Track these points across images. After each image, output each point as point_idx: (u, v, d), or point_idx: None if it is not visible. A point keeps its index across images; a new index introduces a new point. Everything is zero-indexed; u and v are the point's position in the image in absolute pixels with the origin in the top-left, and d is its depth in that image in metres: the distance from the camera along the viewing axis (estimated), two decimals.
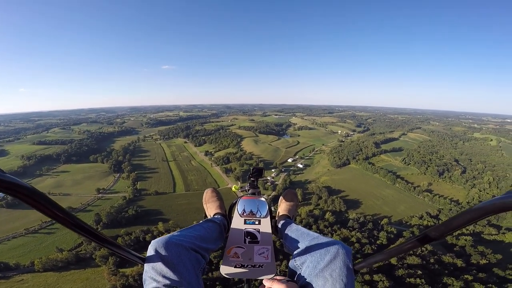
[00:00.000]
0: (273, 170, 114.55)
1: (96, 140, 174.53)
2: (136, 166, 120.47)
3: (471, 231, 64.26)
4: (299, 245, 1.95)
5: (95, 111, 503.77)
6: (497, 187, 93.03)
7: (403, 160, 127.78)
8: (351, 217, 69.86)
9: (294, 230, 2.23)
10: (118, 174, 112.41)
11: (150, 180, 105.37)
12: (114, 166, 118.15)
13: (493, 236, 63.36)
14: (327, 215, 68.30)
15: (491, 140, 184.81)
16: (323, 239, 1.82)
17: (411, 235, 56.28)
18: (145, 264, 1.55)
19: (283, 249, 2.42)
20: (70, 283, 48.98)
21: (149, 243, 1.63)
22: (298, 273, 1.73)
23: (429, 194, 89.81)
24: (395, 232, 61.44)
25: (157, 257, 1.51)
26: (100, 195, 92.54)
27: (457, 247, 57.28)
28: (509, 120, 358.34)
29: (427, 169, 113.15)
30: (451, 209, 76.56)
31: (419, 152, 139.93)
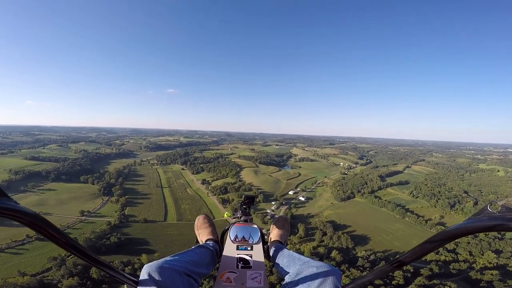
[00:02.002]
0: (273, 202, 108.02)
1: (91, 160, 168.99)
2: (128, 190, 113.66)
3: (495, 264, 58.12)
4: (290, 269, 2.00)
5: (97, 130, 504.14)
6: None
7: (410, 193, 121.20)
8: (359, 255, 62.38)
9: (286, 255, 2.27)
10: (107, 197, 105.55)
11: (140, 206, 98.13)
12: (105, 188, 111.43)
13: None
14: (334, 253, 60.64)
15: (498, 170, 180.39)
16: (313, 263, 1.87)
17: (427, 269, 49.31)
18: (138, 287, 1.55)
19: (276, 274, 2.40)
20: None
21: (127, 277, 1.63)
22: None
23: (443, 227, 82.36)
24: (412, 270, 53.83)
25: (150, 281, 1.50)
26: (83, 217, 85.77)
27: (483, 282, 50.93)
28: (511, 150, 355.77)
29: (437, 201, 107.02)
30: (469, 242, 69.08)
31: (426, 185, 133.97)
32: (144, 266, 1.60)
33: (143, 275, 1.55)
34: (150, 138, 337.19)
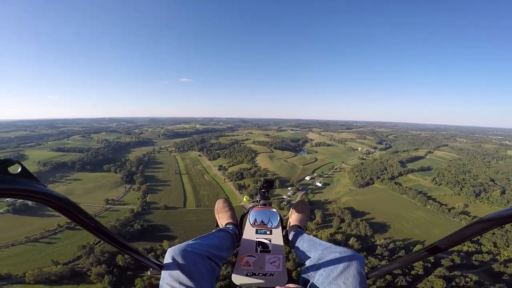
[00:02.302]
0: (289, 188, 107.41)
1: (112, 149, 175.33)
2: (148, 178, 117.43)
3: None
4: (311, 254, 1.99)
5: (116, 121, 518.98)
6: None
7: (433, 180, 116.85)
8: (378, 243, 61.47)
9: (306, 240, 2.29)
10: (130, 185, 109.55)
11: (160, 193, 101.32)
12: (126, 176, 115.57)
13: None
14: (351, 241, 60.23)
15: None
16: (336, 248, 1.86)
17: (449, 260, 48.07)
18: (162, 271, 1.60)
19: (293, 260, 2.41)
20: None
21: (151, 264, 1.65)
22: (310, 281, 1.77)
23: (467, 216, 79.68)
24: (432, 260, 52.46)
25: (174, 265, 1.56)
26: (108, 206, 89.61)
27: (505, 275, 49.18)
28: None
29: (461, 189, 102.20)
30: (494, 233, 66.14)
31: (450, 171, 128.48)
32: (168, 250, 1.67)
33: (167, 259, 1.61)
34: (168, 126, 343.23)
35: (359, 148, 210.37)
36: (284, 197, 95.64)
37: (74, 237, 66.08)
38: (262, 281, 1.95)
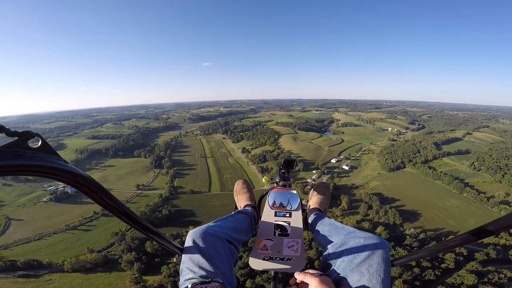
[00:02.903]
0: (314, 171, 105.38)
1: (142, 135, 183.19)
2: (176, 162, 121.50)
3: None
4: (333, 239, 1.91)
5: (145, 107, 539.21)
6: None
7: (471, 165, 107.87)
8: (408, 233, 58.59)
9: (327, 224, 2.20)
10: (158, 170, 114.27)
11: (187, 177, 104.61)
12: (155, 161, 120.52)
13: None
14: (379, 229, 57.95)
15: None
16: (360, 233, 1.77)
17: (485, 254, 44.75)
18: (183, 255, 1.62)
19: (312, 243, 2.39)
20: (93, 287, 47.93)
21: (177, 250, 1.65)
22: (332, 267, 1.69)
23: (507, 207, 72.69)
24: (465, 253, 49.21)
25: (195, 248, 1.59)
26: (139, 191, 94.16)
27: None
28: None
29: (503, 176, 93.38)
30: None
31: (491, 155, 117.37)
32: (189, 233, 1.69)
33: (188, 242, 1.64)
34: (193, 111, 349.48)
35: (389, 129, 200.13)
36: (309, 180, 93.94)
37: (108, 224, 69.11)
38: (280, 265, 1.88)
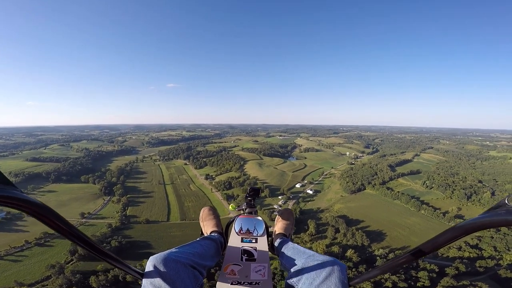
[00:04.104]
0: (280, 197, 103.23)
1: (92, 159, 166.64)
2: (130, 189, 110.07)
3: None
4: (295, 262, 2.00)
5: (100, 128, 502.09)
6: None
7: (423, 184, 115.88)
8: (377, 253, 57.74)
9: (290, 248, 2.28)
10: (109, 197, 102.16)
11: (142, 205, 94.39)
12: (106, 188, 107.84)
13: None
14: (349, 252, 56.08)
15: (510, 158, 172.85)
16: (318, 256, 1.87)
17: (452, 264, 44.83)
18: (143, 280, 1.55)
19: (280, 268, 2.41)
20: None
21: (132, 285, 1.65)
22: None
23: (462, 220, 76.93)
24: (436, 270, 49.34)
25: (155, 273, 1.51)
26: (84, 220, 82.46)
27: None
28: None
29: (452, 192, 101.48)
30: (492, 237, 64.21)
31: (439, 174, 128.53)
32: (150, 258, 1.61)
33: (149, 267, 1.56)
34: (153, 134, 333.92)
35: (347, 153, 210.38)
36: (275, 206, 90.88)
37: (43, 255, 61.07)
38: None
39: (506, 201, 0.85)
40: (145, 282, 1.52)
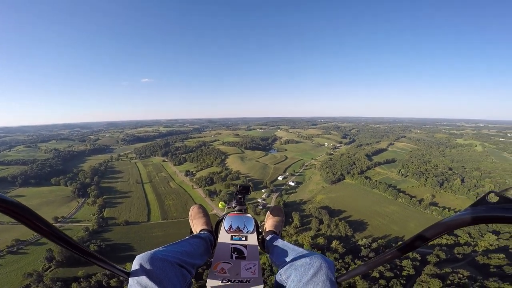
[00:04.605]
0: (263, 190, 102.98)
1: (63, 159, 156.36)
2: (105, 190, 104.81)
3: (497, 246, 57.38)
4: (284, 259, 2.03)
5: (70, 127, 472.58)
6: None
7: (399, 172, 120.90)
8: (361, 243, 59.49)
9: (280, 246, 2.30)
10: (83, 199, 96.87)
11: (120, 206, 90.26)
12: (79, 190, 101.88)
13: None
14: (334, 243, 57.08)
15: (476, 145, 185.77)
16: (307, 253, 1.90)
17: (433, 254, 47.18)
18: (129, 278, 1.54)
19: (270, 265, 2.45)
20: None
21: None
22: (284, 287, 1.83)
23: (437, 208, 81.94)
24: (419, 258, 51.61)
25: (142, 271, 1.50)
26: (58, 224, 76.99)
27: (492, 267, 49.30)
28: (481, 125, 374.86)
29: (426, 180, 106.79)
30: None
31: (412, 162, 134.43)
32: (136, 257, 1.60)
33: (135, 265, 1.55)
34: (128, 131, 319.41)
35: (326, 144, 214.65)
36: (259, 200, 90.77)
37: (18, 263, 58.05)
38: (238, 287, 1.95)
39: (486, 198, 0.86)
40: (132, 281, 1.50)
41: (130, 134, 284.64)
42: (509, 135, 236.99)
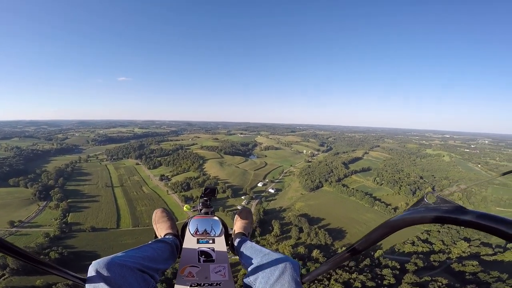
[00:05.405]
0: (243, 197, 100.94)
1: (25, 159, 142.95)
2: (71, 193, 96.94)
3: (469, 253, 59.35)
4: (252, 261, 2.04)
5: (36, 124, 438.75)
6: (469, 203, 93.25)
7: (374, 180, 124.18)
8: (340, 252, 58.76)
9: (248, 248, 2.31)
10: (45, 203, 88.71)
11: (86, 211, 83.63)
12: (41, 192, 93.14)
13: (492, 256, 58.25)
14: (315, 253, 56.30)
15: (443, 156, 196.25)
16: (274, 254, 1.93)
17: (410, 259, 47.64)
18: (86, 285, 1.44)
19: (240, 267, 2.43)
20: None
21: None
22: None
23: None
24: (398, 267, 52.15)
25: (99, 278, 1.40)
26: (14, 229, 70.64)
27: (468, 274, 50.60)
28: (447, 136, 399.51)
29: (400, 188, 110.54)
30: (439, 231, 70.72)
31: (387, 171, 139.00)
32: (92, 263, 1.50)
33: (91, 272, 1.45)
34: (100, 130, 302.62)
35: (304, 151, 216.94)
36: (239, 207, 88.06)
37: None
38: None
39: (425, 199, 0.90)
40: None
41: (102, 134, 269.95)
42: (472, 146, 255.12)
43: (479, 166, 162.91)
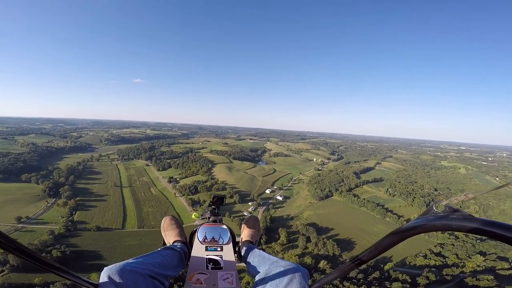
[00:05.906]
0: (250, 203, 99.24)
1: (39, 155, 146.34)
2: (80, 191, 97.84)
3: (484, 267, 56.07)
4: (260, 269, 2.05)
5: (53, 122, 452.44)
6: (486, 216, 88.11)
7: (386, 191, 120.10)
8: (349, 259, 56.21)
9: (256, 255, 2.32)
10: (53, 200, 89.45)
11: (93, 210, 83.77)
12: (51, 189, 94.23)
13: (509, 271, 54.74)
14: (322, 264, 53.91)
15: (459, 168, 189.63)
16: (282, 262, 1.93)
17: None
18: None
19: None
20: None
21: None
22: None
23: None
24: (409, 280, 49.13)
25: (111, 284, 1.41)
26: (20, 225, 70.76)
27: None
28: (463, 148, 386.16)
29: (413, 200, 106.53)
30: (453, 244, 66.75)
31: (399, 182, 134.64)
32: (104, 269, 1.53)
33: (103, 278, 1.47)
34: (113, 130, 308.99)
35: (314, 159, 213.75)
36: (245, 213, 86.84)
37: None
38: None
39: (434, 208, 0.92)
40: None
41: (115, 134, 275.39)
42: (490, 159, 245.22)
43: (497, 179, 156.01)
